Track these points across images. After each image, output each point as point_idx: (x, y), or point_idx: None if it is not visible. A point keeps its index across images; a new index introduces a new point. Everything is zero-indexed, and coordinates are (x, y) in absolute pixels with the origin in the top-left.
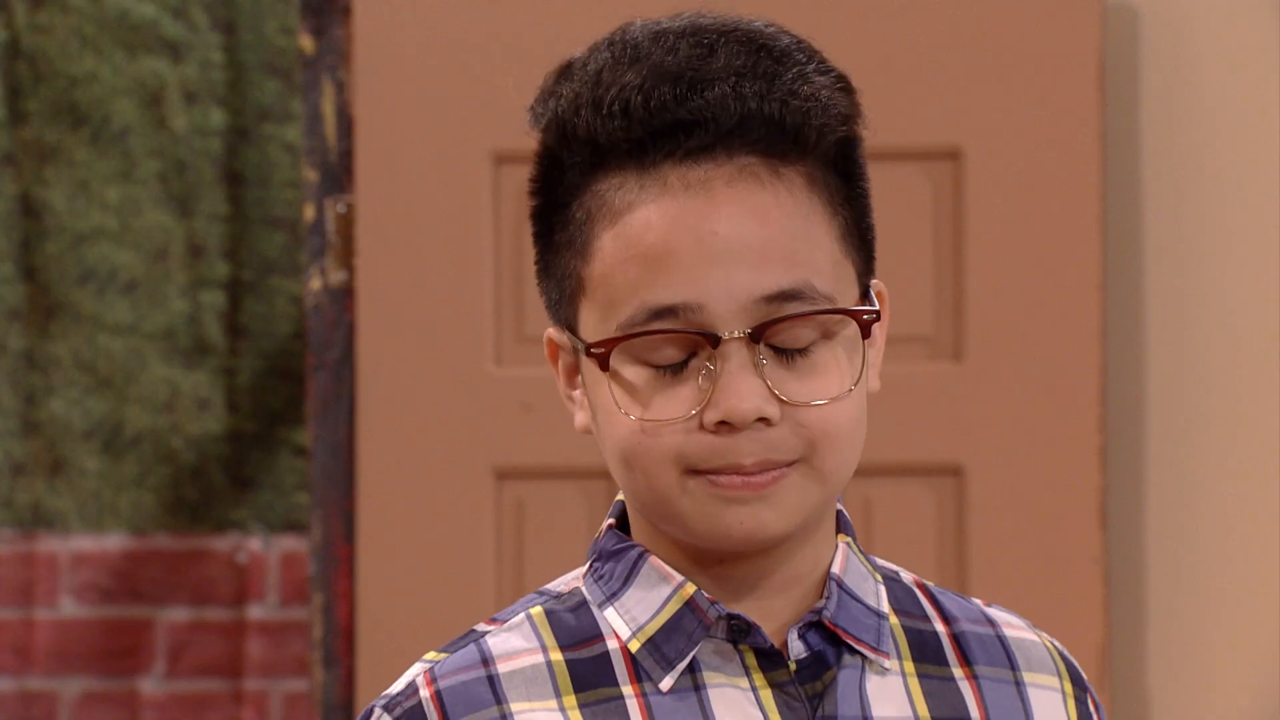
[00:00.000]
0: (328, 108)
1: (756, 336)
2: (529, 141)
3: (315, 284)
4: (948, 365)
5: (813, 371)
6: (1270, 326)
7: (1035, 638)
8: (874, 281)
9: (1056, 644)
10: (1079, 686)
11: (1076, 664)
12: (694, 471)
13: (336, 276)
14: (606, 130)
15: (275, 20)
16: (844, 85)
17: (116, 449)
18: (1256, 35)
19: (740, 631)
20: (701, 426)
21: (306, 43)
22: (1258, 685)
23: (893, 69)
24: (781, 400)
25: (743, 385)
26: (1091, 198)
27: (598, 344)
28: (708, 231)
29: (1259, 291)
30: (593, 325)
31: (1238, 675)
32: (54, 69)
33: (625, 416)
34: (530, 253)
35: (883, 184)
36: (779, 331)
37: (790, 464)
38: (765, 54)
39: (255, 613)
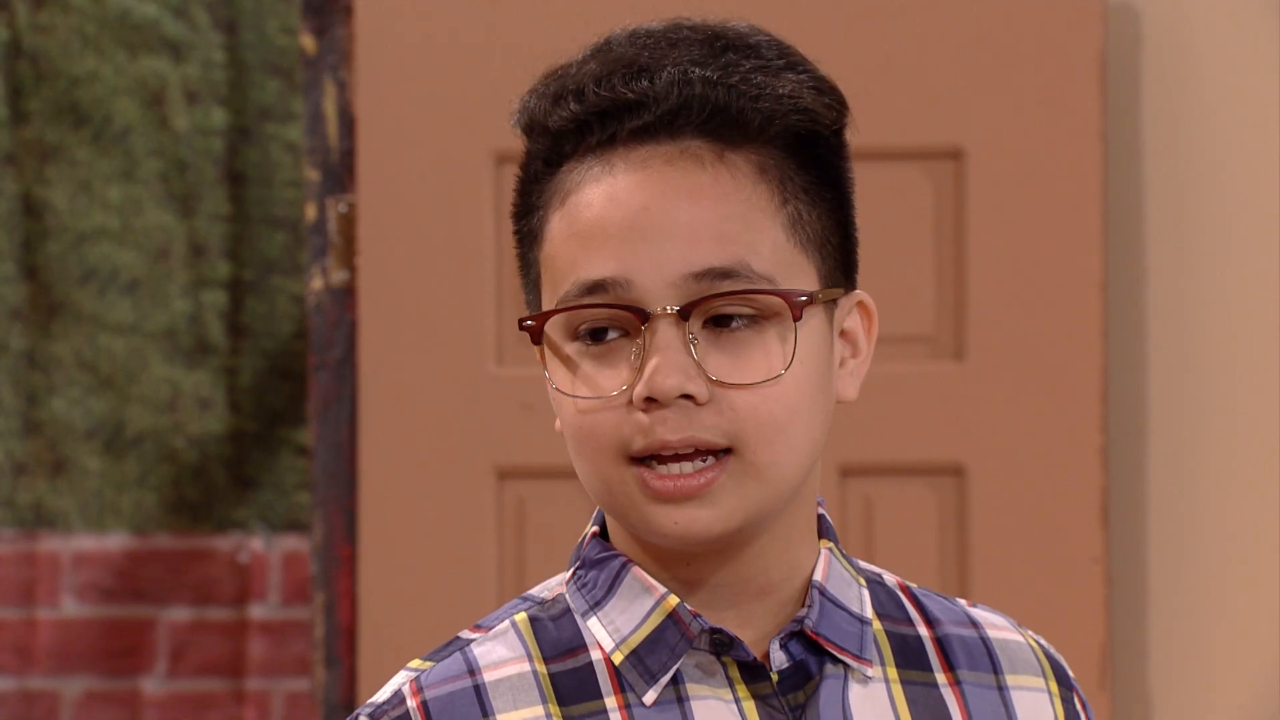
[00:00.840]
0: (329, 107)
1: (685, 314)
2: None
3: (317, 283)
4: (949, 365)
5: (746, 354)
6: (1271, 326)
7: (1019, 638)
8: (859, 293)
9: (1042, 642)
10: (1064, 685)
11: (1063, 661)
12: (632, 460)
13: (338, 276)
14: (559, 116)
15: (277, 20)
16: (819, 86)
17: (118, 449)
18: (1258, 35)
19: (723, 645)
20: (631, 403)
21: (308, 42)
22: (1259, 685)
23: (894, 69)
24: (710, 379)
25: (668, 361)
26: (1093, 197)
27: (527, 318)
28: (638, 207)
29: (1260, 291)
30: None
31: (1239, 675)
32: (55, 69)
33: (566, 398)
34: None
35: (884, 184)
36: (710, 309)
37: (720, 452)
38: (728, 47)
39: (257, 612)
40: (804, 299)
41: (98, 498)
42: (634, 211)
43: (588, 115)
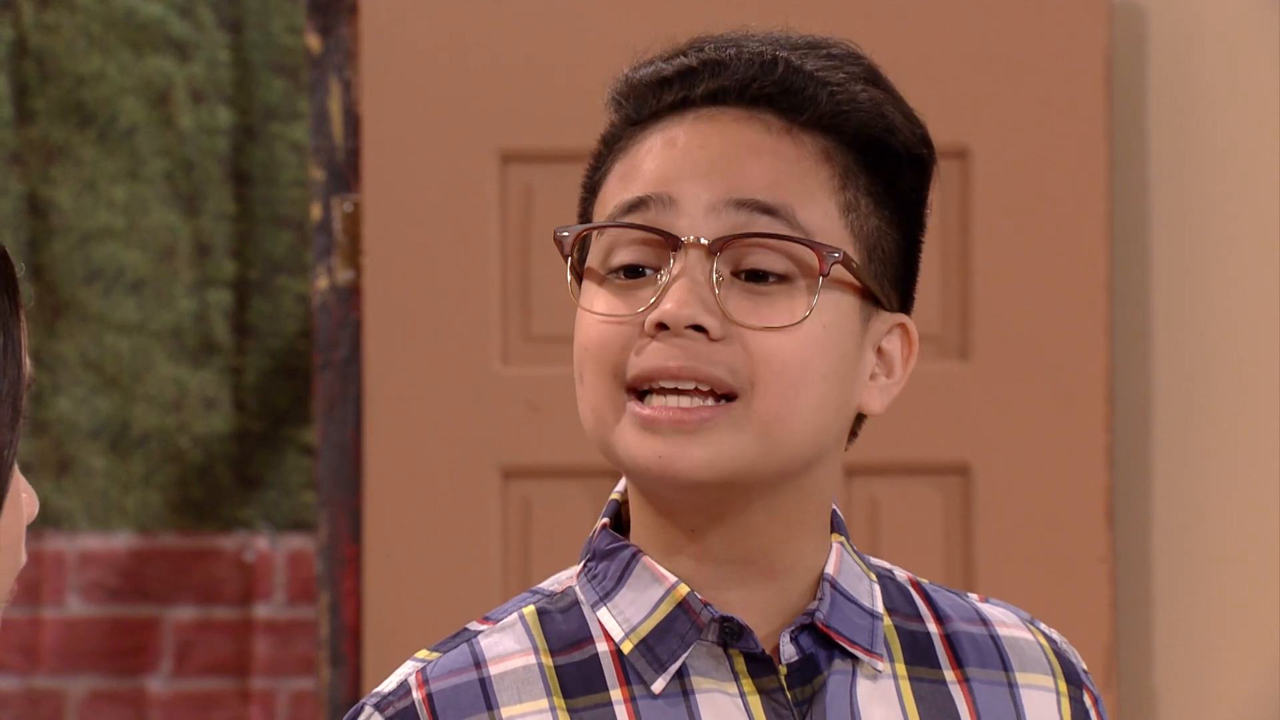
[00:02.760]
0: (334, 107)
1: (715, 249)
2: (536, 141)
3: (322, 283)
4: (954, 364)
5: (770, 303)
6: (1276, 325)
7: (1030, 635)
8: (903, 316)
9: (1054, 638)
10: (1073, 684)
11: (1074, 658)
12: (630, 390)
13: (343, 275)
14: (645, 71)
15: (282, 19)
16: (905, 112)
17: (123, 448)
18: (1263, 34)
19: (732, 635)
20: (644, 330)
21: (313, 41)
22: (1264, 683)
23: (900, 68)
24: (726, 317)
25: (685, 291)
26: (1098, 197)
27: (563, 228)
28: (696, 146)
29: (1265, 290)
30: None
31: (1244, 674)
32: (61, 68)
33: (585, 315)
34: (536, 252)
35: None
36: (743, 254)
37: (724, 395)
38: (821, 48)
39: (262, 612)
40: (836, 255)
41: (103, 497)
42: (690, 150)
43: (671, 71)
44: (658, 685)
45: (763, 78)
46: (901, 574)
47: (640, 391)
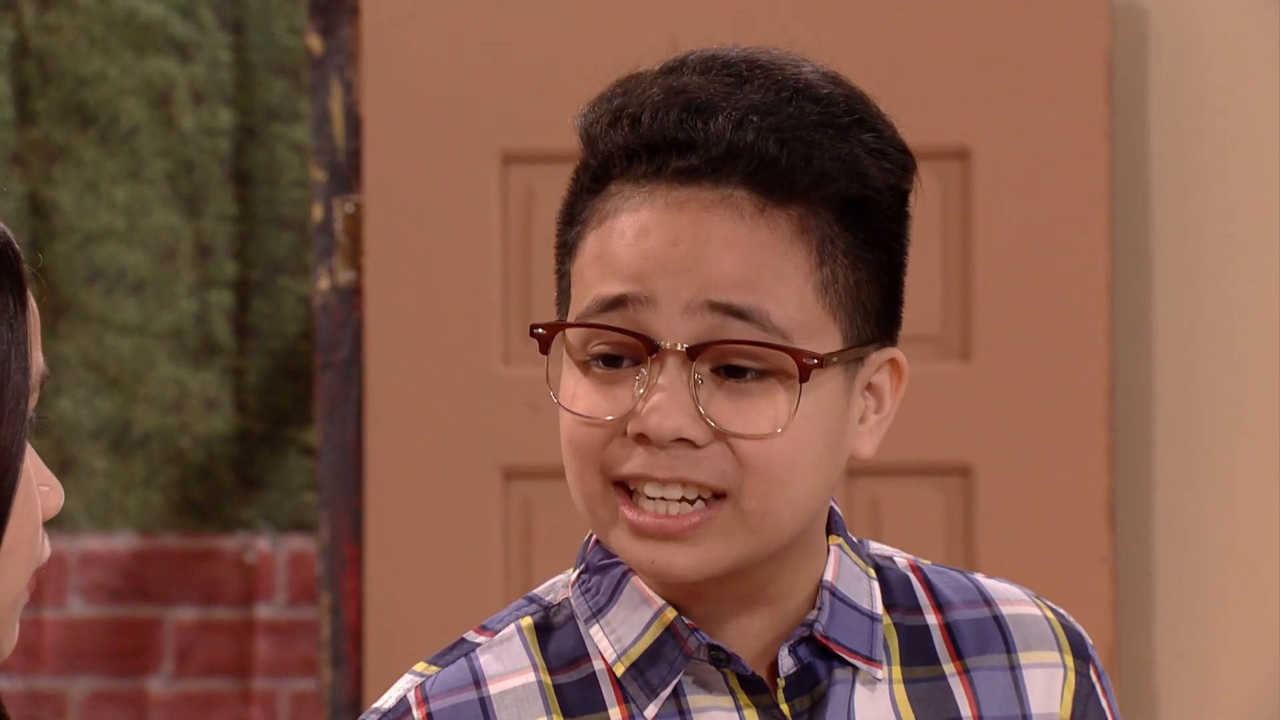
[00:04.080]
0: (335, 107)
1: (694, 353)
2: (537, 141)
3: (323, 284)
4: (956, 365)
5: (752, 405)
6: (1277, 326)
7: (1035, 610)
8: (892, 350)
9: (1060, 613)
10: (1080, 658)
11: (1082, 632)
12: (616, 483)
13: (344, 276)
14: (610, 139)
15: (283, 20)
16: (882, 149)
17: (125, 449)
18: (1264, 35)
19: (721, 661)
20: (626, 434)
21: (314, 42)
22: (1265, 684)
23: (901, 68)
24: (709, 425)
25: (668, 402)
26: (1099, 197)
27: (539, 325)
28: (668, 242)
29: (1266, 291)
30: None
31: (1245, 674)
32: (62, 69)
33: (565, 410)
34: (537, 253)
35: None
36: (720, 357)
37: (712, 498)
38: (795, 95)
39: (263, 612)
40: (814, 361)
41: (104, 498)
42: (663, 245)
43: (638, 145)
44: (650, 711)
45: (734, 160)
46: (902, 560)
47: (629, 487)
